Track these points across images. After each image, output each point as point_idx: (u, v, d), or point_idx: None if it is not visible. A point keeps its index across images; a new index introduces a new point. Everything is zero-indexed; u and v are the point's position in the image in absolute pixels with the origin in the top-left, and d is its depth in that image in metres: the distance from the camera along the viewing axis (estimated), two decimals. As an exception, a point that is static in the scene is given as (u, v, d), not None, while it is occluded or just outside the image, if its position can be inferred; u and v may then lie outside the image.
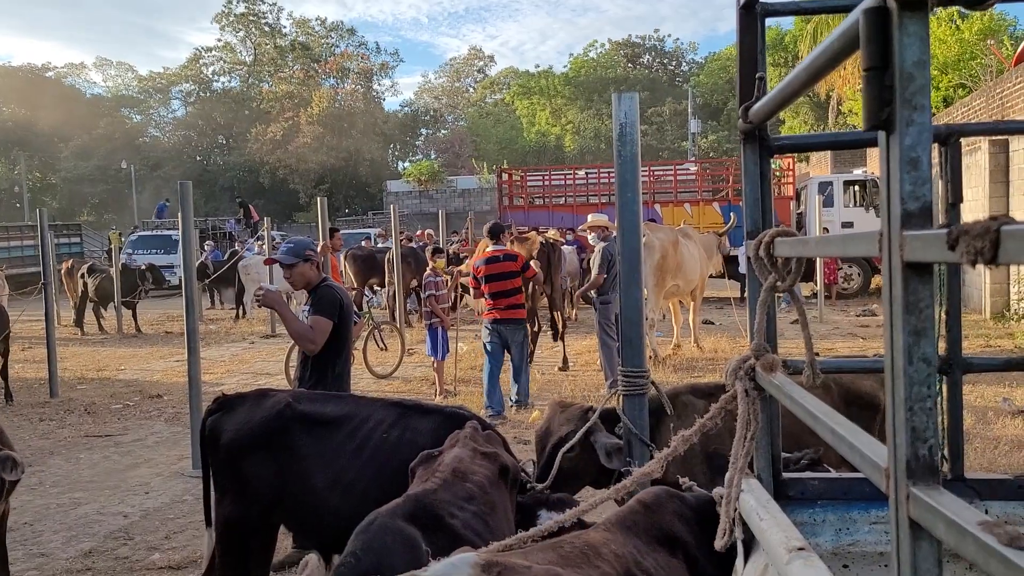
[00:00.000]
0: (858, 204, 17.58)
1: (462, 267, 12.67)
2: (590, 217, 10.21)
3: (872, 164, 23.95)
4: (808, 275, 15.48)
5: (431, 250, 10.25)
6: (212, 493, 3.79)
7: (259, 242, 21.93)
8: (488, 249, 8.51)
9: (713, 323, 14.13)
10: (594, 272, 8.99)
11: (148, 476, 6.75)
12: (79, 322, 16.45)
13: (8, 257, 23.78)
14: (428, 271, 9.49)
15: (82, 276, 16.31)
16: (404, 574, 1.78)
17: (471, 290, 9.22)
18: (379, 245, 18.48)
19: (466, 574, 1.69)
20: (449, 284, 9.81)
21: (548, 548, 1.98)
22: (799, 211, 18.57)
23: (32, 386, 10.72)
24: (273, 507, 3.52)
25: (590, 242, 10.03)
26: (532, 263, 9.19)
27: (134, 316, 16.24)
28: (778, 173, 18.25)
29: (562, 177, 20.81)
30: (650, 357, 9.50)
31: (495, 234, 8.54)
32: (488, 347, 8.20)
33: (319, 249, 8.34)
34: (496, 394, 8.10)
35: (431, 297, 9.12)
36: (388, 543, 2.28)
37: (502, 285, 8.16)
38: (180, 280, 13.91)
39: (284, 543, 3.98)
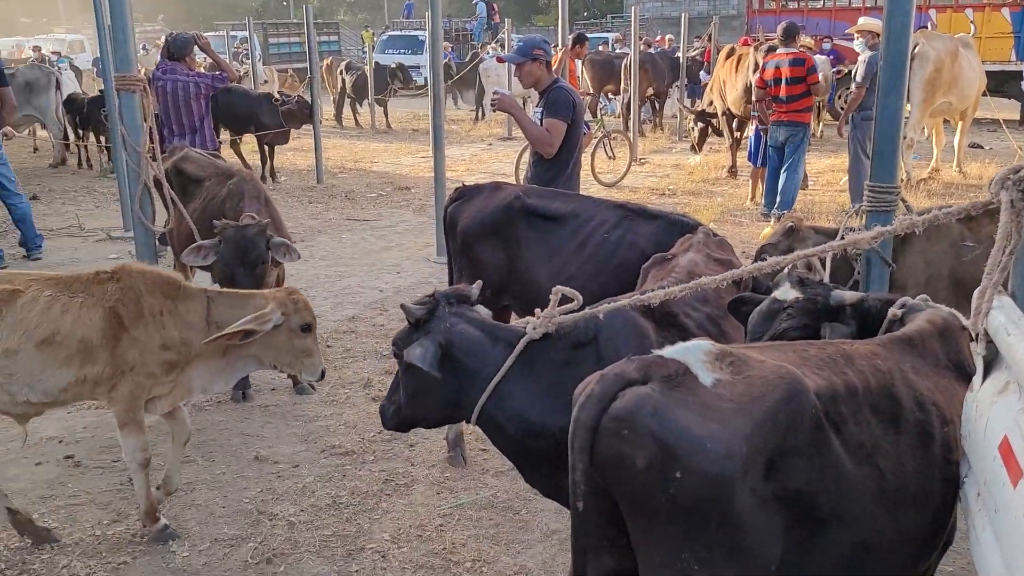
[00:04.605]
0: None
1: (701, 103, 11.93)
2: (861, 20, 9.24)
3: None
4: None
5: None
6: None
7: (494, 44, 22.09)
8: (779, 51, 8.43)
9: (982, 147, 12.58)
10: (854, 84, 8.31)
11: (399, 258, 7.52)
12: (338, 116, 17.88)
13: (278, 53, 25.79)
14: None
15: (340, 73, 17.52)
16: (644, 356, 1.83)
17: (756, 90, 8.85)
18: (617, 51, 17.91)
19: (700, 359, 1.75)
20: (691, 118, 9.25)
21: (790, 349, 1.93)
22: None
23: (302, 172, 12.03)
24: (502, 291, 3.75)
25: (856, 50, 9.12)
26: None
27: (385, 113, 17.35)
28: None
29: (823, -25, 18.57)
30: (903, 180, 8.78)
31: (790, 35, 8.41)
32: (771, 149, 8.55)
33: (559, 55, 8.29)
34: (772, 195, 8.49)
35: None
36: (618, 326, 2.36)
37: (790, 90, 8.24)
38: (426, 80, 14.52)
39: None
